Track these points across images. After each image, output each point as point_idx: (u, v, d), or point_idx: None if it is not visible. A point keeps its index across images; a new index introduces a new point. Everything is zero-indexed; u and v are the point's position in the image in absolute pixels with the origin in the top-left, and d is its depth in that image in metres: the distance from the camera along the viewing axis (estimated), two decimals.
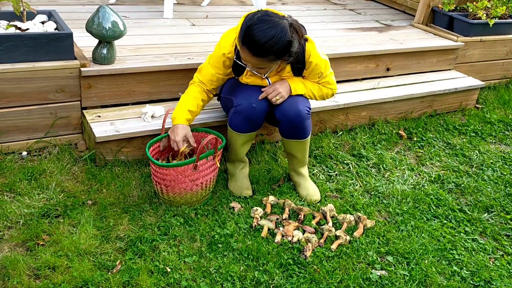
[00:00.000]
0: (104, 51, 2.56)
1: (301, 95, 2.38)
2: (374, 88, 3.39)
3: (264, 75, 2.31)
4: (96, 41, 2.58)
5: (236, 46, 2.27)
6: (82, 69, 2.49)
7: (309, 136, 2.45)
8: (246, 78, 2.39)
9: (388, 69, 3.58)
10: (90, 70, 2.51)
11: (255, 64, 2.18)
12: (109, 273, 1.90)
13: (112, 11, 2.50)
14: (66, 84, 2.50)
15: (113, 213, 2.21)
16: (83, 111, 2.59)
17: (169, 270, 1.95)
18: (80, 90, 2.55)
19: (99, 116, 2.56)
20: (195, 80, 2.43)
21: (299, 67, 2.35)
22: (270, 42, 2.05)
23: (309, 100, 2.42)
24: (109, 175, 2.41)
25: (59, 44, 2.43)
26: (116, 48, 2.63)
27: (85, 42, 2.76)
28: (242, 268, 2.01)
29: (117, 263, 1.95)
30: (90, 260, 1.95)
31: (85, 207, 2.22)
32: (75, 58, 2.52)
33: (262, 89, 2.33)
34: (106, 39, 2.51)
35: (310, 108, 2.38)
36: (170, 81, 2.78)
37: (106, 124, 2.50)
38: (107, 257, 1.98)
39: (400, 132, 3.28)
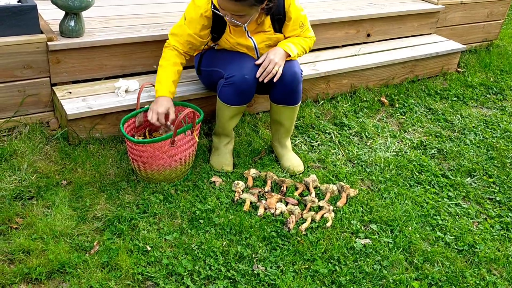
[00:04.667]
0: (72, 23, 2.43)
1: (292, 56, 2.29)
2: (355, 55, 3.32)
3: (245, 26, 2.18)
4: (63, 13, 2.45)
5: (212, 2, 2.16)
6: (49, 43, 2.37)
7: (300, 103, 2.39)
8: (229, 37, 2.28)
9: (369, 35, 3.51)
10: (58, 44, 2.39)
11: (234, 10, 2.07)
12: (87, 255, 1.84)
13: None
14: (33, 59, 2.38)
15: (89, 192, 2.13)
16: (53, 87, 2.48)
17: (149, 248, 1.90)
18: (48, 66, 2.43)
19: (70, 92, 2.45)
20: (170, 43, 2.32)
21: (279, 18, 2.26)
22: None
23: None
24: (84, 154, 2.33)
25: (23, 17, 2.30)
26: (84, 20, 2.50)
27: (51, 15, 2.62)
28: (224, 243, 1.97)
29: (95, 243, 1.89)
30: (66, 242, 1.88)
31: (59, 187, 2.14)
32: (41, 32, 2.39)
33: (256, 63, 2.22)
34: (73, 10, 2.38)
35: (302, 72, 2.32)
36: (143, 53, 2.67)
37: (78, 101, 2.39)
38: (84, 238, 1.91)
39: (381, 99, 3.23)
